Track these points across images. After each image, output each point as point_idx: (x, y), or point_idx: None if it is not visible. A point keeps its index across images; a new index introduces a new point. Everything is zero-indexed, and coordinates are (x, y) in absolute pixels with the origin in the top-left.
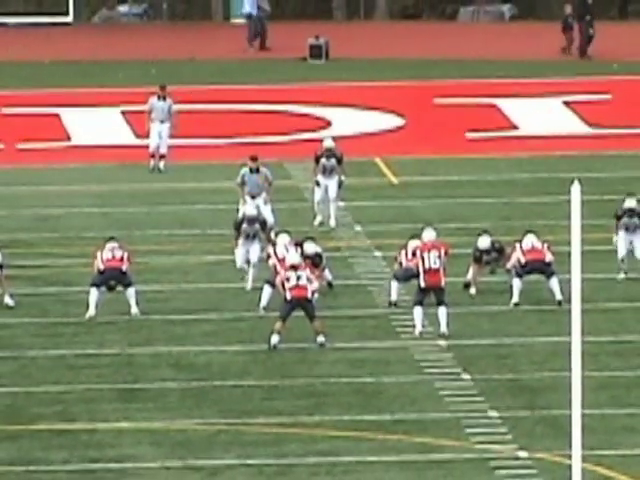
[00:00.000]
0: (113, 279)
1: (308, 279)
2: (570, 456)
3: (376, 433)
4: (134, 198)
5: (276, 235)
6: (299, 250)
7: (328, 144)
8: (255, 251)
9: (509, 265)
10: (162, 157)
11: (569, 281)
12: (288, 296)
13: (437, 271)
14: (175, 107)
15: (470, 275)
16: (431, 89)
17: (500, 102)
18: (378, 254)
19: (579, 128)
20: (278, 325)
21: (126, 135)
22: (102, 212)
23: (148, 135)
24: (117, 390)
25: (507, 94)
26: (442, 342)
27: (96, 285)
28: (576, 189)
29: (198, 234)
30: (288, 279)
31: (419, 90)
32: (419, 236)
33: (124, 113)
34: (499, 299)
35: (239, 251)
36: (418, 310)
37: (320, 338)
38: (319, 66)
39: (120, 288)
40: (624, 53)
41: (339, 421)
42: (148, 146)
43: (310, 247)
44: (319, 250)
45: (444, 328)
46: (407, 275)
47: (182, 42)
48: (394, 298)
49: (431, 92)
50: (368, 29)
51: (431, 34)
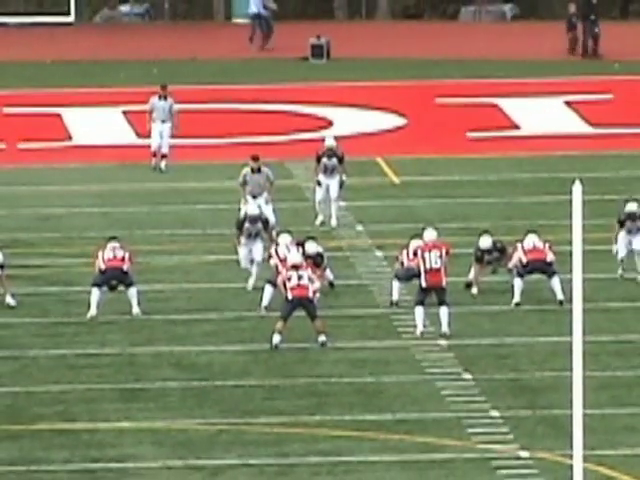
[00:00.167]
0: (114, 279)
1: (309, 279)
2: (571, 456)
3: (377, 433)
4: (135, 198)
5: (277, 235)
6: (300, 250)
7: (329, 143)
8: (258, 250)
9: (510, 265)
10: (164, 157)
11: (570, 281)
12: (289, 296)
13: (438, 271)
14: (176, 107)
15: (472, 275)
16: (432, 89)
17: (501, 102)
18: (379, 254)
19: (580, 128)
20: (279, 325)
21: (127, 135)
22: (103, 212)
23: (149, 135)
24: (118, 390)
25: (508, 94)
26: (443, 342)
27: (97, 285)
28: (577, 189)
29: (199, 234)
30: (289, 279)
31: (420, 90)
32: (420, 236)
33: (125, 113)
34: (500, 299)
35: (242, 251)
36: (419, 310)
37: (321, 338)
38: (320, 66)
39: (121, 288)
40: (625, 53)
41: (340, 421)
42: (150, 146)
43: (311, 247)
44: (320, 250)
45: (445, 328)
46: (408, 275)
47: (184, 42)
48: (395, 298)
49: (432, 92)
50: (369, 29)
51: (432, 34)
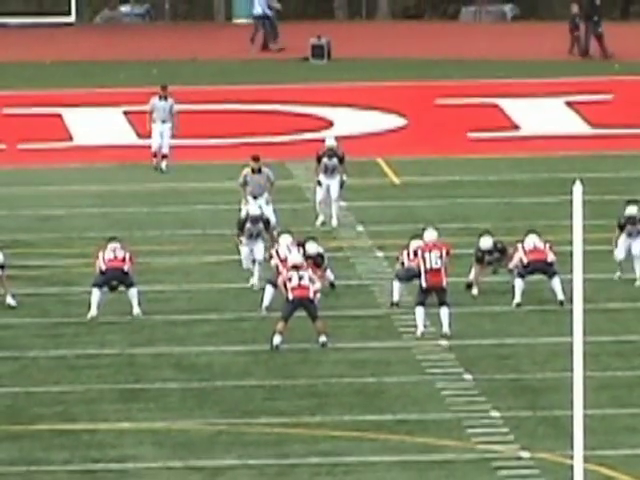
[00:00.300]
0: (115, 279)
1: (310, 279)
2: (572, 456)
3: (378, 433)
4: (135, 198)
5: (278, 235)
6: (301, 250)
7: (330, 143)
8: (259, 250)
9: (511, 265)
10: (164, 157)
11: (571, 281)
12: (290, 296)
13: (438, 271)
14: (176, 107)
15: (472, 275)
16: (433, 89)
17: (502, 102)
18: (380, 254)
19: (581, 128)
20: (280, 325)
21: (128, 135)
22: (103, 212)
23: (150, 135)
24: (118, 390)
25: (509, 94)
26: (444, 342)
27: (98, 285)
28: (578, 189)
29: (199, 234)
30: (290, 279)
31: (421, 90)
32: (421, 236)
33: (126, 113)
34: (501, 299)
35: (244, 251)
36: (420, 310)
37: (322, 338)
38: (321, 66)
39: (122, 288)
40: (626, 53)
41: (341, 421)
42: (150, 146)
43: (312, 247)
44: (321, 250)
45: (446, 328)
46: (409, 275)
47: (184, 42)
48: (396, 298)
49: (433, 92)
50: (370, 29)
51: (433, 34)
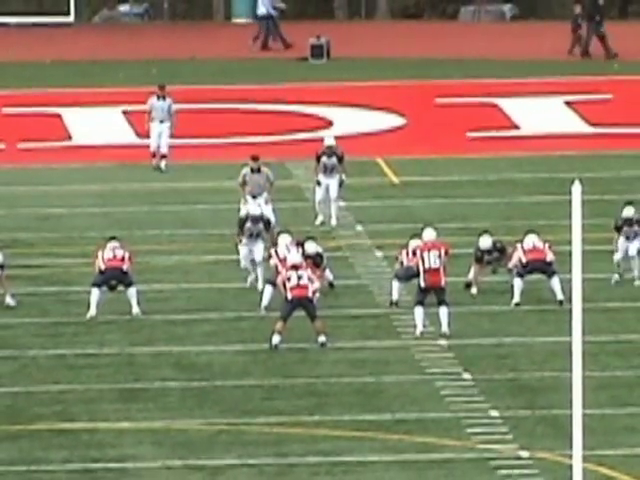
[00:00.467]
0: (114, 279)
1: (309, 279)
2: (571, 456)
3: (377, 433)
4: (135, 198)
5: (277, 235)
6: (300, 250)
7: (329, 142)
8: (259, 250)
9: (510, 265)
10: (163, 157)
11: (570, 281)
12: (289, 296)
13: (437, 271)
14: (175, 107)
15: (471, 275)
16: (432, 89)
17: (501, 102)
18: (379, 254)
19: (580, 128)
20: (279, 325)
21: (127, 135)
22: (103, 212)
23: (148, 135)
24: (118, 390)
25: (508, 94)
26: (443, 342)
27: (97, 285)
28: (577, 189)
29: (199, 234)
30: (289, 279)
31: (420, 90)
32: (420, 236)
33: (125, 113)
34: (500, 299)
35: (243, 251)
36: (419, 310)
37: (321, 338)
38: (320, 66)
39: (121, 288)
40: (625, 53)
41: (340, 421)
42: (149, 146)
43: (311, 247)
44: (320, 250)
45: (445, 328)
46: (408, 275)
47: (183, 42)
48: (395, 298)
49: (432, 92)
50: (369, 29)
51: (432, 34)
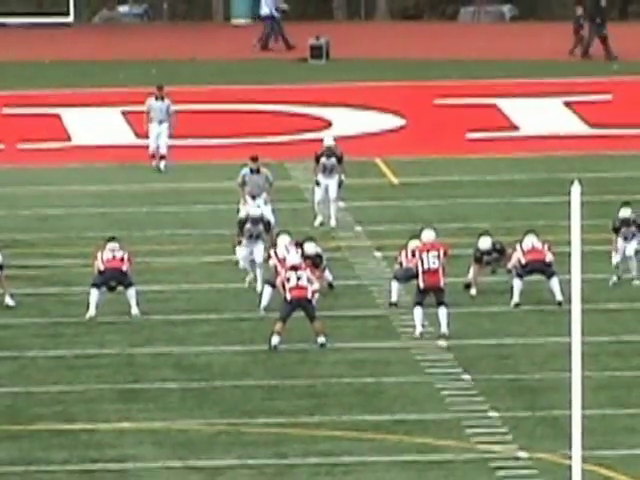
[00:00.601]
0: (114, 279)
1: (308, 280)
2: (570, 456)
3: (377, 433)
4: (134, 198)
5: (277, 236)
6: (299, 251)
7: (328, 143)
8: (260, 251)
9: (510, 265)
10: (162, 157)
11: (569, 281)
12: (288, 297)
13: (436, 271)
14: (173, 107)
15: (471, 275)
16: (431, 89)
17: (500, 102)
18: (378, 254)
19: (579, 128)
20: (278, 326)
21: (126, 135)
22: (102, 212)
23: (147, 136)
24: (117, 390)
25: (507, 94)
26: (443, 342)
27: (96, 285)
28: (576, 189)
29: (198, 234)
30: (288, 279)
31: (419, 90)
32: (419, 236)
33: (124, 113)
34: (500, 299)
35: (242, 251)
36: (418, 310)
37: (321, 339)
38: (320, 66)
39: (120, 288)
40: (624, 53)
41: (340, 421)
42: (148, 147)
43: (310, 247)
44: (319, 250)
45: (444, 328)
46: (408, 275)
47: (183, 42)
48: (395, 298)
49: (431, 92)
50: (369, 29)
51: (431, 34)
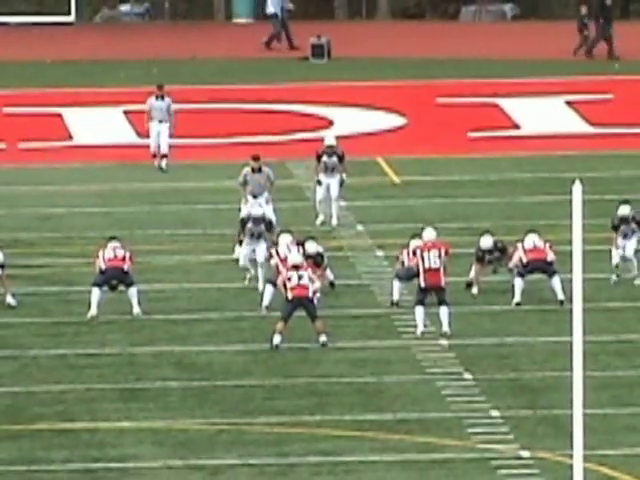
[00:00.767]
0: (115, 279)
1: (310, 279)
2: (572, 456)
3: (378, 433)
4: (136, 197)
5: (278, 235)
6: (301, 250)
7: (329, 141)
8: (262, 251)
9: (511, 264)
10: (164, 156)
11: (570, 281)
12: (289, 296)
13: (437, 271)
14: (174, 106)
15: (472, 275)
16: (433, 88)
17: (502, 102)
18: (380, 253)
19: (581, 128)
20: (280, 325)
21: (128, 134)
22: (104, 211)
23: (148, 135)
24: (118, 390)
25: (509, 93)
26: (444, 342)
27: (98, 285)
28: (577, 189)
29: (200, 234)
30: (289, 279)
31: (421, 90)
32: (421, 235)
33: (126, 112)
34: (501, 299)
35: (243, 250)
36: (419, 310)
37: (322, 338)
38: (321, 66)
39: (122, 288)
40: (626, 53)
41: (341, 421)
42: (149, 146)
43: (312, 247)
44: (321, 250)
45: (446, 327)
46: (409, 274)
47: (184, 41)
48: (396, 298)
49: (433, 91)
50: (370, 29)
51: (433, 34)
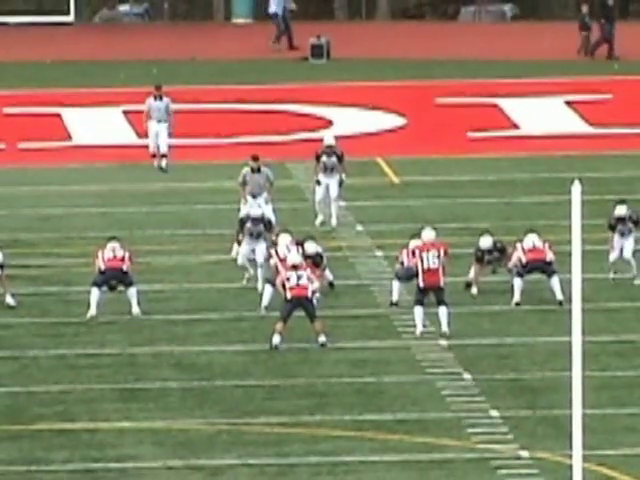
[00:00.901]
0: (114, 279)
1: (309, 279)
2: (571, 456)
3: (377, 433)
4: (135, 198)
5: (277, 235)
6: (300, 250)
7: (329, 141)
8: (261, 251)
9: (510, 265)
10: (163, 157)
11: (570, 281)
12: (288, 296)
13: (436, 271)
14: (173, 106)
15: (472, 275)
16: (432, 89)
17: (501, 102)
18: (379, 254)
19: (580, 128)
20: (279, 325)
21: (127, 135)
22: (103, 212)
23: (147, 135)
24: (118, 390)
25: (508, 94)
26: (443, 342)
27: (97, 285)
28: (577, 189)
29: (199, 234)
30: (289, 279)
31: (420, 90)
32: (420, 236)
33: (125, 113)
34: (500, 299)
35: (242, 249)
36: (418, 310)
37: (321, 338)
38: (320, 66)
39: (121, 288)
40: (625, 53)
41: (341, 421)
42: (148, 146)
43: (311, 247)
44: (320, 250)
45: (445, 328)
46: (408, 275)
47: (183, 42)
48: (395, 298)
49: (432, 92)
50: (370, 29)
51: (432, 34)
